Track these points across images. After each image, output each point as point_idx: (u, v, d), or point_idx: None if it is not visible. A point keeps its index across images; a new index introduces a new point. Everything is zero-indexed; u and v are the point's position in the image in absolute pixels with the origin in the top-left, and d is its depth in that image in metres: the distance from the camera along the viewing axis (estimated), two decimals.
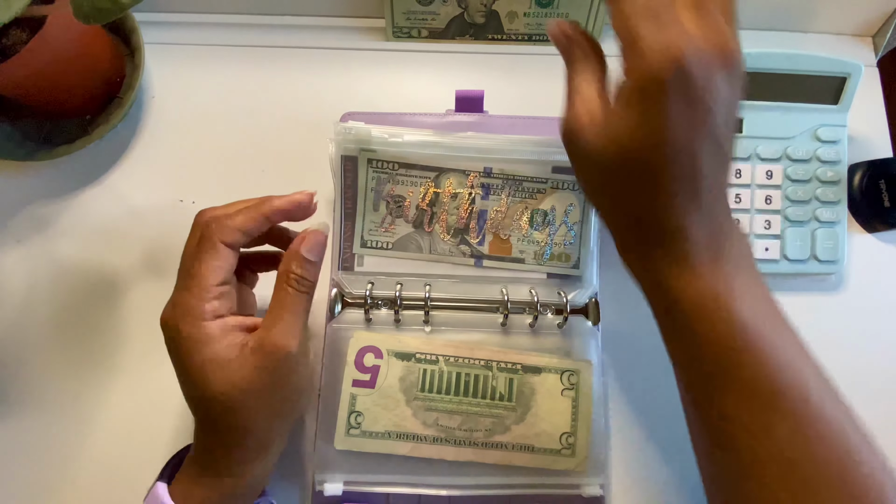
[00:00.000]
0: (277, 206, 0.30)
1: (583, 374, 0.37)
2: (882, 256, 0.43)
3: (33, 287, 0.41)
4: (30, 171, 0.43)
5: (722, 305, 0.26)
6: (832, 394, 0.26)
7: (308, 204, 0.31)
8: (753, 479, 0.26)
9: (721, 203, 0.27)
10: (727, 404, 0.26)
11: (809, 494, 0.25)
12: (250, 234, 0.30)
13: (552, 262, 0.39)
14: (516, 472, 0.36)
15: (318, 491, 0.35)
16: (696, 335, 0.27)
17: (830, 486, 0.24)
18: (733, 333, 0.26)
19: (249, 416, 0.29)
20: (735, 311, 0.26)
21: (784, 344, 0.26)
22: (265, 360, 0.28)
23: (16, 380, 0.39)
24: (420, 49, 0.46)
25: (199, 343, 0.28)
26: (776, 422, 0.25)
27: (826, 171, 0.41)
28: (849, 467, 0.25)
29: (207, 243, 0.29)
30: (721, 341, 0.26)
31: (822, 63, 0.41)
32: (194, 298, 0.28)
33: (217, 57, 0.46)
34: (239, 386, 0.28)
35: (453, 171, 0.38)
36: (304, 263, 0.30)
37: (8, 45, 0.37)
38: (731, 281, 0.26)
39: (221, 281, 0.29)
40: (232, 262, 0.30)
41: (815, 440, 0.25)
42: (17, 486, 0.37)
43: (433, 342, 0.37)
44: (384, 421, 0.36)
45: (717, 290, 0.26)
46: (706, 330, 0.26)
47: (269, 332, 0.28)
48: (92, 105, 0.44)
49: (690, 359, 0.28)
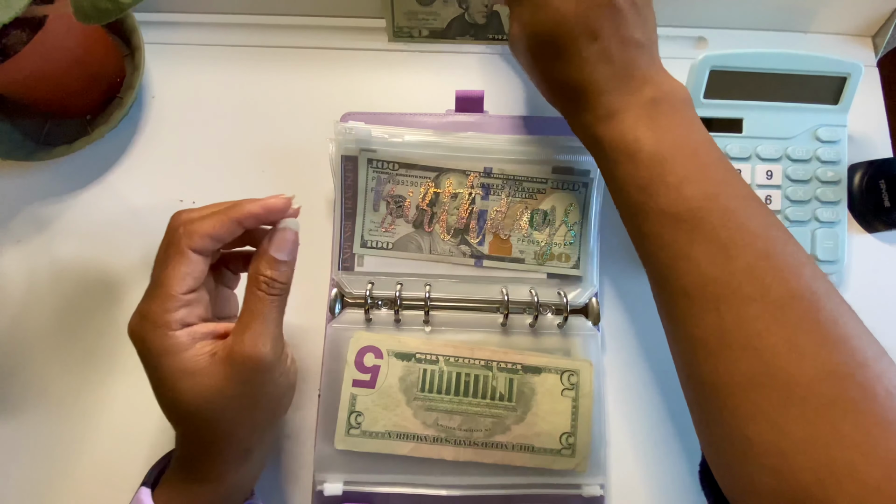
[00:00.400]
0: (249, 211, 0.28)
1: (583, 374, 0.37)
2: (882, 256, 0.43)
3: (33, 287, 0.41)
4: (30, 171, 0.43)
5: (643, 146, 0.29)
6: (749, 204, 0.28)
7: (283, 208, 0.29)
8: (682, 294, 0.27)
9: (643, 57, 0.30)
10: (647, 226, 0.29)
11: (727, 277, 0.26)
12: (221, 240, 0.28)
13: (552, 262, 0.39)
14: (516, 472, 0.36)
15: (318, 491, 0.35)
16: (624, 175, 0.30)
17: (748, 270, 0.26)
18: (652, 167, 0.29)
19: (224, 425, 0.28)
20: (653, 147, 0.29)
21: (708, 175, 0.28)
22: (234, 370, 0.27)
23: (16, 379, 0.39)
24: (420, 49, 0.46)
25: (167, 353, 0.27)
26: (694, 238, 0.27)
27: (826, 171, 0.41)
28: (775, 257, 0.26)
29: (174, 249, 0.28)
30: (641, 176, 0.29)
31: (822, 63, 0.41)
32: (160, 307, 0.27)
33: (217, 57, 0.46)
34: (208, 396, 0.27)
35: (453, 171, 0.38)
36: (274, 264, 0.29)
37: (8, 45, 0.37)
38: (650, 123, 0.29)
39: (189, 288, 0.28)
40: (201, 268, 0.28)
41: (730, 246, 0.26)
42: (17, 486, 0.37)
43: (433, 342, 0.37)
44: (384, 421, 0.36)
45: (636, 133, 0.29)
46: (630, 170, 0.29)
47: (238, 341, 0.27)
48: (92, 105, 0.44)
49: (623, 197, 0.30)
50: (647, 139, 0.29)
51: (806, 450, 0.23)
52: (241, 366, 0.27)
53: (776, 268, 0.26)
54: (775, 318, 0.25)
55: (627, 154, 0.29)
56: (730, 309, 0.25)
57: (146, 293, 0.28)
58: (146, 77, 0.45)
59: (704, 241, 0.27)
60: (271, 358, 0.28)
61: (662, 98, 0.30)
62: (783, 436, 0.23)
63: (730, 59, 0.40)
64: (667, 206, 0.28)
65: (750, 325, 0.25)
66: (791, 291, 0.25)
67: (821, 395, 0.23)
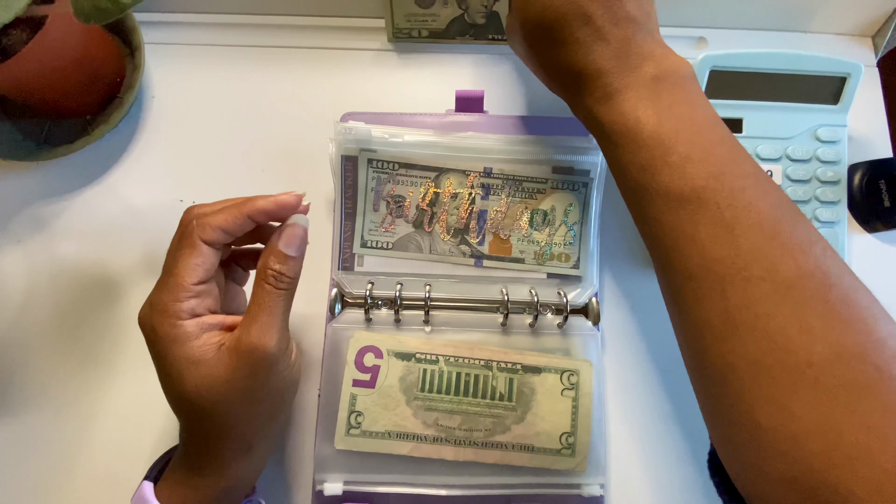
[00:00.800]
0: (260, 207, 0.29)
1: (583, 374, 0.37)
2: (882, 256, 0.43)
3: (33, 287, 0.41)
4: (30, 171, 0.43)
5: (644, 126, 0.28)
6: (756, 182, 0.27)
7: (294, 205, 0.30)
8: (687, 277, 0.27)
9: (641, 34, 0.29)
10: (650, 209, 0.28)
11: (733, 260, 0.25)
12: (232, 234, 0.29)
13: (552, 262, 0.39)
14: (516, 472, 0.36)
15: (318, 491, 0.35)
16: (625, 157, 0.29)
17: (757, 248, 0.25)
18: (653, 148, 0.28)
19: (228, 416, 0.28)
20: (655, 126, 0.28)
21: (713, 153, 0.27)
22: (240, 361, 0.28)
23: (15, 379, 0.39)
24: (420, 49, 0.46)
25: (175, 342, 0.27)
26: (698, 219, 0.26)
27: (826, 171, 0.41)
28: (781, 238, 0.25)
29: (187, 241, 0.28)
30: (642, 157, 0.28)
31: (822, 63, 0.41)
32: (170, 297, 0.28)
33: (217, 57, 0.46)
34: (214, 386, 0.27)
35: (453, 171, 0.38)
36: (283, 258, 0.29)
37: (8, 45, 0.37)
38: (652, 102, 0.28)
39: (200, 279, 0.28)
40: (213, 260, 0.29)
41: (735, 225, 0.25)
42: (17, 486, 0.37)
43: (433, 342, 0.37)
44: (384, 421, 0.36)
45: (636, 114, 0.28)
46: (632, 151, 0.29)
47: (245, 332, 0.28)
48: (92, 105, 0.44)
49: (626, 180, 0.30)
50: (648, 119, 0.28)
51: (818, 434, 0.22)
52: (247, 357, 0.28)
53: (784, 246, 0.25)
54: (784, 298, 0.24)
55: (628, 135, 0.29)
56: (736, 290, 0.25)
57: (157, 283, 0.29)
58: (146, 77, 0.45)
59: (709, 222, 0.26)
60: (276, 350, 0.28)
61: (664, 75, 0.29)
62: (794, 420, 0.23)
63: (730, 59, 0.40)
64: (670, 186, 0.27)
65: (757, 305, 0.24)
66: (800, 270, 0.24)
67: (833, 376, 0.22)
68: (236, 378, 0.28)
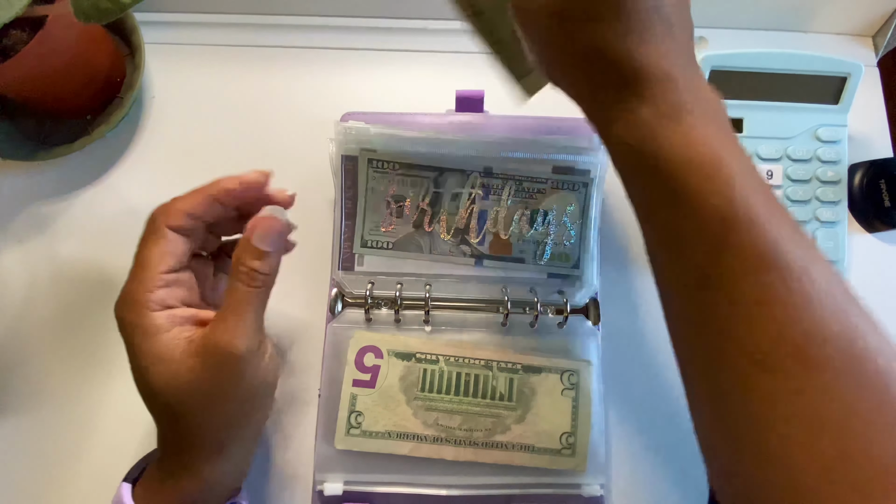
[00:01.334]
0: (224, 186, 0.28)
1: (583, 374, 0.37)
2: (882, 256, 0.43)
3: (33, 287, 0.41)
4: (30, 171, 0.43)
5: (724, 171, 0.21)
6: (828, 271, 0.22)
7: (260, 183, 0.28)
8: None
9: (692, 51, 0.23)
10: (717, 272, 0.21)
11: (809, 349, 0.21)
12: (200, 217, 0.28)
13: (552, 262, 0.39)
14: (516, 471, 0.36)
15: (319, 491, 0.35)
16: (692, 205, 0.21)
17: (835, 356, 0.21)
18: (734, 203, 0.21)
19: (194, 416, 0.27)
20: (733, 177, 0.21)
21: (779, 220, 0.22)
22: (207, 361, 0.26)
23: (16, 379, 0.39)
24: (420, 49, 0.46)
25: (146, 334, 0.26)
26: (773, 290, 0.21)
27: (826, 171, 0.41)
28: (854, 342, 0.22)
29: (152, 227, 0.27)
30: (719, 212, 0.21)
31: (822, 63, 0.41)
32: (139, 287, 0.26)
33: (217, 57, 0.46)
34: (179, 384, 0.26)
35: (453, 171, 0.38)
36: (257, 254, 0.27)
37: (8, 45, 0.37)
38: (724, 142, 0.22)
39: (169, 268, 0.27)
40: (182, 248, 0.28)
41: (809, 307, 0.21)
42: (17, 486, 0.37)
43: (433, 342, 0.37)
44: (384, 421, 0.36)
45: (718, 154, 0.21)
46: (703, 200, 0.21)
47: (213, 331, 0.26)
48: (92, 105, 0.44)
49: (677, 226, 0.23)
50: (730, 161, 0.21)
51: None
52: (213, 357, 0.26)
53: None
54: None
55: (702, 172, 0.21)
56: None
57: (129, 275, 0.28)
58: (146, 77, 0.45)
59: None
60: (245, 352, 0.26)
61: (711, 101, 0.23)
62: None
63: (730, 58, 0.40)
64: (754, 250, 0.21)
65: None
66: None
67: None
68: (202, 378, 0.26)
